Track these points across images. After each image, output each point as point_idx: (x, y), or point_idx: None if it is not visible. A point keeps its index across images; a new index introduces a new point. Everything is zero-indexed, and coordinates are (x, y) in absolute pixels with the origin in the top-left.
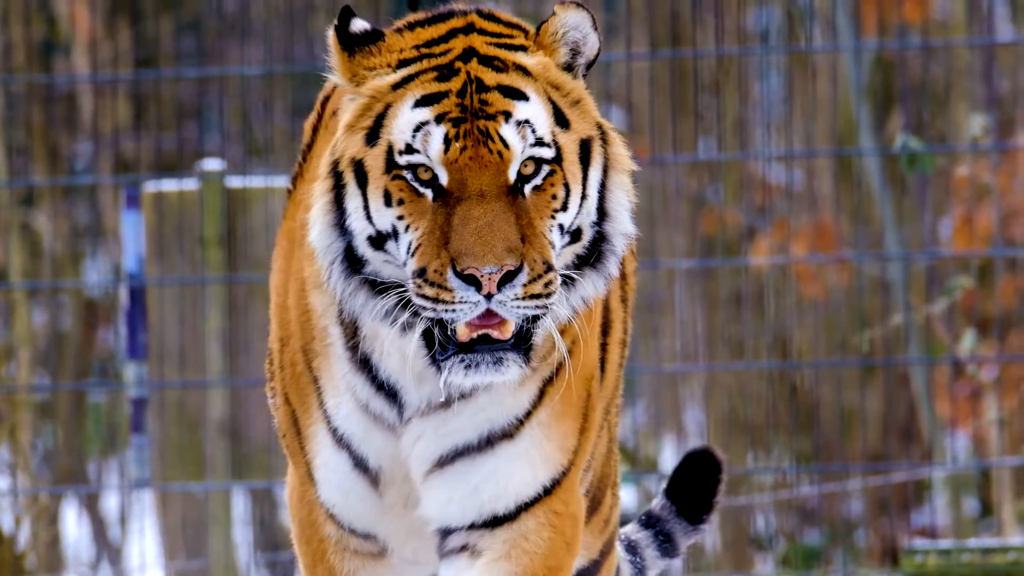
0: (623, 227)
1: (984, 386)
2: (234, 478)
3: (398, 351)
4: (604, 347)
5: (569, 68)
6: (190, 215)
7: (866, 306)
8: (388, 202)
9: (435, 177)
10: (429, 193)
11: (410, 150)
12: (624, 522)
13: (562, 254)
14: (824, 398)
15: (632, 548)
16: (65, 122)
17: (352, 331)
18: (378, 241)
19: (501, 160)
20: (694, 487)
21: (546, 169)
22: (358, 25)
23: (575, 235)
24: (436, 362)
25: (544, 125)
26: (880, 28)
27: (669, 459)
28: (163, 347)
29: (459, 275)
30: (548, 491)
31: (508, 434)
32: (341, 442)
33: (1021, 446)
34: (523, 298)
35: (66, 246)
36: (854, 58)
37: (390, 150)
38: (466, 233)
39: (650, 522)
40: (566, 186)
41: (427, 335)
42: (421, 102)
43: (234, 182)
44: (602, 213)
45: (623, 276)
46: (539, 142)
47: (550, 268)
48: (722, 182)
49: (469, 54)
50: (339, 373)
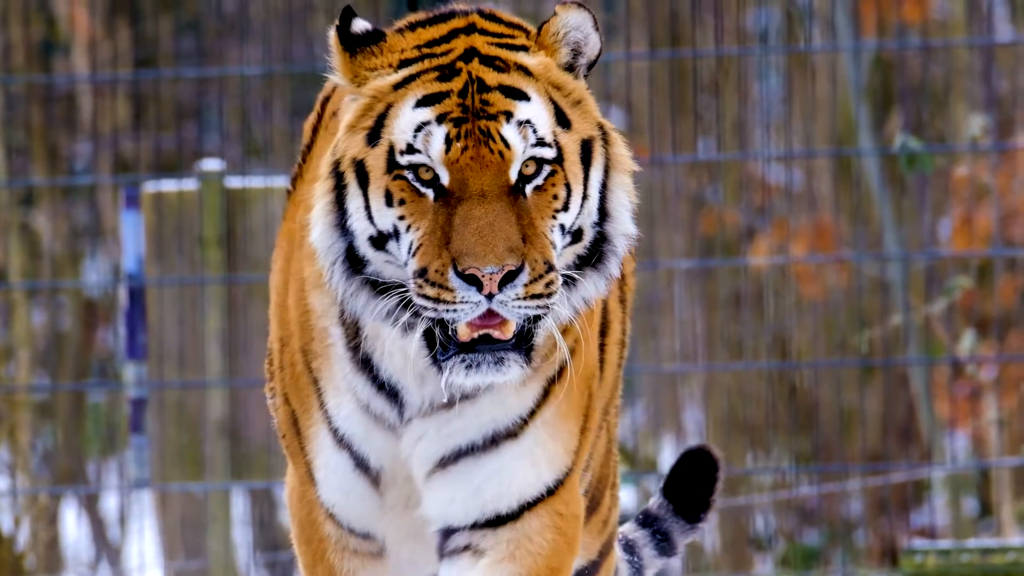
0: (624, 227)
1: (983, 386)
2: (233, 478)
3: (399, 351)
4: (602, 348)
5: (570, 68)
6: (189, 215)
7: (865, 306)
8: (389, 202)
9: (436, 177)
10: (430, 193)
11: (411, 150)
12: (622, 522)
13: (563, 254)
14: (823, 398)
15: (629, 547)
16: (64, 122)
17: (353, 331)
18: (379, 241)
19: (502, 160)
20: (691, 486)
21: (547, 169)
22: (359, 25)
23: (576, 235)
24: (437, 362)
25: (545, 125)
26: (879, 28)
27: (668, 459)
28: (162, 347)
29: (460, 275)
30: (551, 491)
31: (512, 433)
32: (342, 442)
33: (1020, 446)
34: (524, 298)
35: (65, 246)
36: (853, 58)
37: (391, 150)
38: (467, 233)
39: (647, 521)
40: (567, 186)
41: (428, 335)
42: (422, 102)
43: (233, 182)
44: (603, 213)
45: (622, 277)
46: (540, 142)
47: (551, 268)
48: (721, 182)
49: (470, 54)
50: (340, 373)
